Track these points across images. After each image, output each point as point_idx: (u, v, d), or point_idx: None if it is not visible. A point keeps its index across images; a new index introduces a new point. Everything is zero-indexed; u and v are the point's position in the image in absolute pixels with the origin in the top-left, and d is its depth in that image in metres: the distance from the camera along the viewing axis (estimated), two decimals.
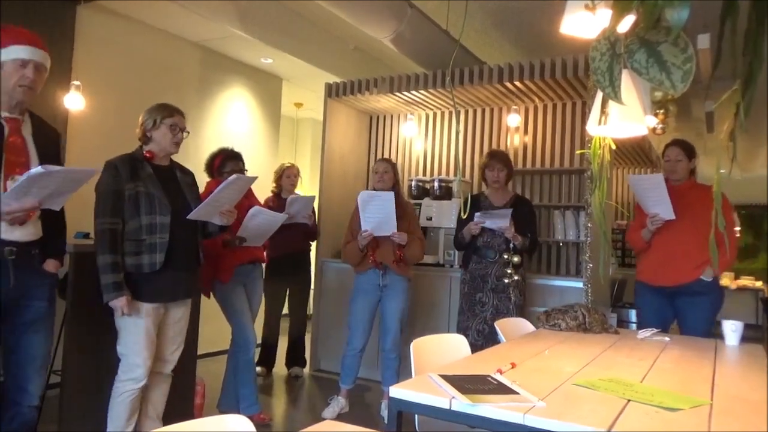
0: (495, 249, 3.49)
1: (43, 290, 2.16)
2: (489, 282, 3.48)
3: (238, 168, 3.43)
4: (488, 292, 3.48)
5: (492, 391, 1.48)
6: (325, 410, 3.60)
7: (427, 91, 4.66)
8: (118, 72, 4.54)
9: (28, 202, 1.95)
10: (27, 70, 2.08)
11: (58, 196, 2.06)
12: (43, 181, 1.91)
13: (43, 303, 2.15)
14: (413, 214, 3.75)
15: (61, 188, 2.03)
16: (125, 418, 2.44)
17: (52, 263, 2.20)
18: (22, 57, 2.07)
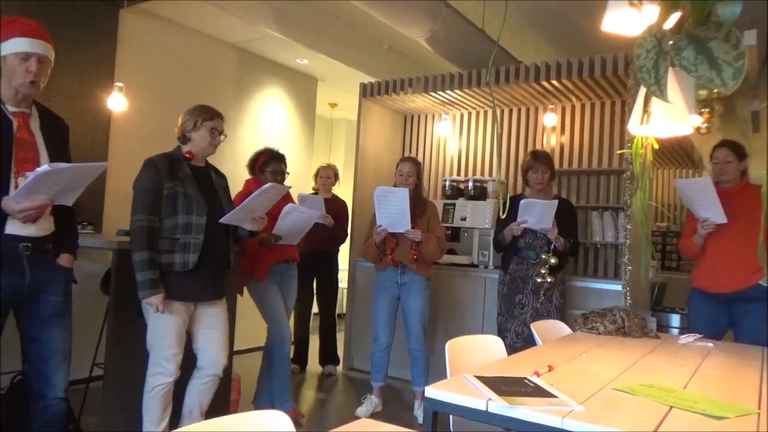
0: (536, 250, 3.42)
1: (58, 285, 2.17)
2: (530, 284, 3.42)
3: (280, 169, 3.47)
4: (528, 294, 3.42)
5: (529, 394, 1.47)
6: (359, 409, 3.62)
7: (462, 91, 4.63)
8: (159, 73, 4.65)
9: (38, 200, 1.95)
10: (30, 63, 2.02)
11: (70, 192, 2.06)
12: (51, 179, 1.91)
13: (59, 297, 2.16)
14: (434, 213, 3.73)
15: (72, 184, 2.03)
16: (159, 413, 2.48)
17: (65, 258, 2.20)
18: (24, 50, 2.02)
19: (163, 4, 4.33)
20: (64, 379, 2.17)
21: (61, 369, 2.15)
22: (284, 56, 5.54)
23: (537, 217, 3.28)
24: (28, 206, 1.92)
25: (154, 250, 2.43)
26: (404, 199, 3.37)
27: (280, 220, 3.24)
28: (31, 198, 1.92)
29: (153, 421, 2.47)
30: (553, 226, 3.28)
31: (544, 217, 3.26)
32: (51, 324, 2.13)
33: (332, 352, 4.75)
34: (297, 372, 4.56)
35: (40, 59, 2.05)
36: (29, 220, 1.98)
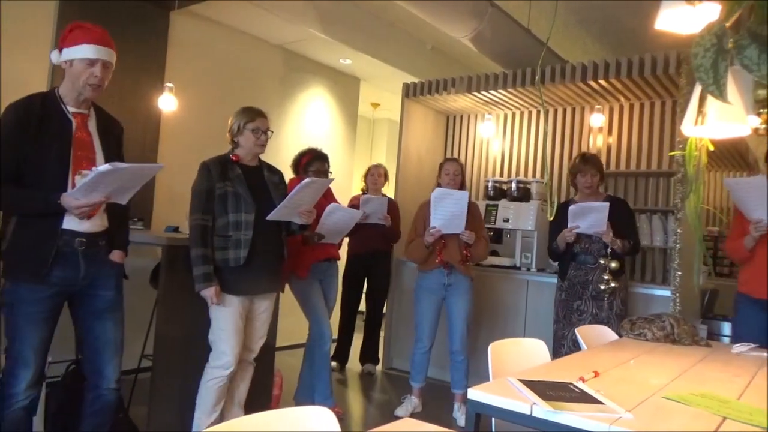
0: (594, 254, 3.31)
1: (111, 280, 2.23)
2: (589, 289, 3.30)
3: (323, 168, 3.52)
4: (588, 300, 3.31)
5: (575, 399, 1.44)
6: (398, 408, 3.62)
7: (507, 91, 4.58)
8: (206, 74, 4.77)
9: (95, 198, 2.02)
10: (95, 68, 2.11)
11: (125, 191, 2.13)
12: (110, 177, 1.97)
13: (111, 292, 2.23)
14: (478, 214, 3.71)
15: (128, 183, 2.10)
16: (212, 404, 2.58)
17: (117, 254, 2.27)
18: (91, 56, 2.10)
19: (211, 6, 4.43)
20: (116, 370, 2.24)
21: (113, 361, 2.23)
22: (328, 56, 5.59)
23: (589, 222, 3.18)
24: (85, 203, 2.00)
25: (208, 247, 2.56)
26: (463, 202, 3.37)
27: (323, 219, 3.27)
28: (89, 195, 2.00)
29: (205, 411, 2.56)
30: (607, 229, 3.17)
31: (597, 220, 3.16)
32: (104, 317, 2.21)
33: (374, 351, 4.77)
34: (337, 370, 4.60)
35: (104, 65, 2.13)
36: (84, 216, 2.06)
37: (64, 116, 2.11)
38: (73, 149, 2.08)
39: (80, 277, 2.11)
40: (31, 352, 2.03)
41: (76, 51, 2.09)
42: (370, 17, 5.23)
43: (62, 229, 2.06)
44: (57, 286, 2.06)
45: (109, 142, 2.23)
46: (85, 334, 2.22)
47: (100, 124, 2.23)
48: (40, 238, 2.03)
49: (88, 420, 2.25)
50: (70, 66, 2.11)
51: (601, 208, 3.15)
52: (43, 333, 2.06)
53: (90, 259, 2.13)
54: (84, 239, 2.10)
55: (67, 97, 2.14)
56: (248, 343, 2.73)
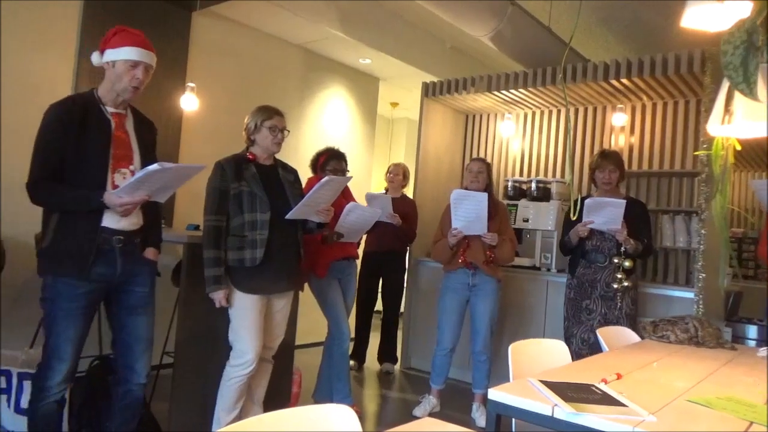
0: (605, 253, 3.27)
1: (145, 277, 2.29)
2: (598, 288, 3.27)
3: (340, 167, 3.52)
4: (596, 299, 3.28)
5: (597, 401, 1.42)
6: (416, 408, 3.62)
7: (527, 90, 4.55)
8: (227, 73, 4.81)
9: (139, 196, 2.07)
10: (137, 70, 2.17)
11: (166, 190, 2.19)
12: (157, 176, 2.03)
13: (145, 288, 2.29)
14: (506, 215, 3.67)
15: (170, 183, 2.16)
16: (233, 402, 2.60)
17: (151, 251, 2.33)
18: (134, 58, 2.16)
19: (232, 6, 4.47)
20: (146, 366, 2.30)
21: (144, 356, 2.28)
22: (347, 56, 5.60)
23: (604, 218, 3.13)
24: (129, 201, 2.06)
25: (221, 248, 2.56)
26: (482, 204, 3.34)
27: (342, 218, 3.28)
28: (134, 194, 2.05)
29: (226, 409, 2.58)
30: (622, 227, 3.13)
31: (612, 217, 3.11)
32: (137, 313, 2.27)
33: (391, 350, 4.77)
34: (355, 368, 4.61)
35: (146, 68, 2.20)
36: (126, 214, 2.12)
37: (103, 116, 2.17)
38: (112, 148, 2.14)
39: (117, 273, 2.17)
40: (67, 347, 2.08)
41: (120, 53, 2.16)
42: (389, 17, 5.23)
43: (101, 226, 2.11)
44: (95, 283, 2.12)
45: (145, 141, 2.29)
46: (119, 329, 2.27)
47: (136, 124, 2.29)
48: (81, 236, 2.09)
49: (118, 414, 2.30)
50: (112, 67, 2.17)
51: (617, 204, 3.10)
52: (80, 328, 2.12)
53: (126, 256, 2.19)
54: (121, 236, 2.16)
55: (105, 97, 2.20)
56: (266, 342, 2.73)
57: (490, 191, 3.58)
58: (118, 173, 2.14)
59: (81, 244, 2.08)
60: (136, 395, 2.30)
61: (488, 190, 3.57)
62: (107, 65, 2.17)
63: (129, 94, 2.20)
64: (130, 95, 2.20)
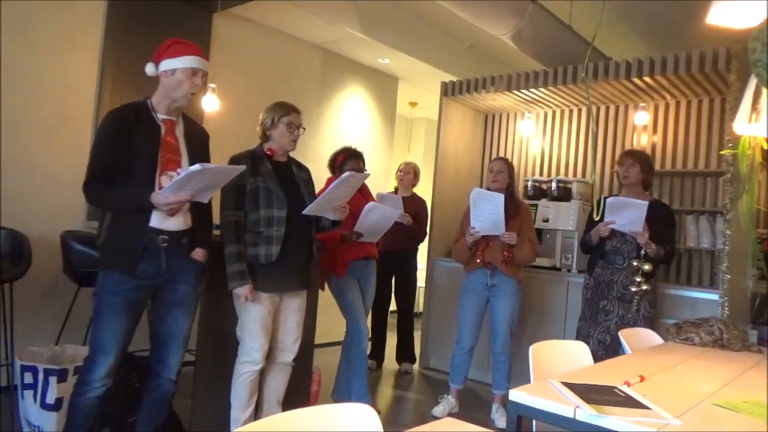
0: (624, 255, 3.23)
1: (190, 276, 2.34)
2: (615, 290, 3.23)
3: (358, 167, 3.52)
4: (613, 301, 3.23)
5: (620, 404, 1.41)
6: (435, 408, 3.61)
7: (547, 89, 4.51)
8: (248, 74, 4.84)
9: (183, 195, 2.14)
10: (197, 78, 2.28)
11: (208, 190, 2.26)
12: (198, 177, 2.09)
13: (188, 287, 2.34)
14: (527, 215, 3.64)
15: (211, 183, 2.23)
16: (247, 398, 2.61)
17: (199, 252, 2.37)
18: (195, 66, 2.26)
19: (253, 7, 4.50)
20: (179, 362, 2.36)
21: (178, 353, 2.35)
22: (366, 56, 5.61)
23: (626, 219, 3.09)
24: (174, 200, 2.13)
25: (242, 243, 2.55)
26: (499, 205, 3.32)
27: (361, 218, 3.28)
28: (178, 193, 2.12)
29: (240, 406, 2.59)
30: (643, 230, 3.08)
31: (634, 218, 3.06)
32: (177, 311, 2.33)
33: (409, 350, 4.77)
34: (373, 368, 4.62)
35: (203, 75, 2.31)
36: (171, 213, 2.19)
37: (154, 122, 2.26)
38: (161, 152, 2.23)
39: (162, 271, 2.23)
40: (111, 341, 2.15)
41: (180, 61, 2.25)
42: (408, 16, 5.22)
43: (149, 227, 2.19)
44: (140, 279, 2.19)
45: (194, 146, 2.36)
46: (157, 324, 2.34)
47: (186, 130, 2.37)
48: (129, 234, 2.18)
49: (148, 407, 2.36)
50: (172, 75, 2.25)
51: (639, 206, 3.04)
52: (125, 324, 2.18)
53: (172, 255, 2.25)
54: (166, 236, 2.22)
55: (159, 105, 2.29)
56: (284, 344, 2.71)
57: (511, 191, 3.56)
58: (165, 176, 2.22)
59: (129, 241, 2.18)
60: (165, 390, 2.36)
61: (510, 189, 3.55)
62: (165, 74, 2.26)
63: (185, 101, 2.29)
64: (186, 102, 2.30)
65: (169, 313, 2.32)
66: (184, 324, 2.36)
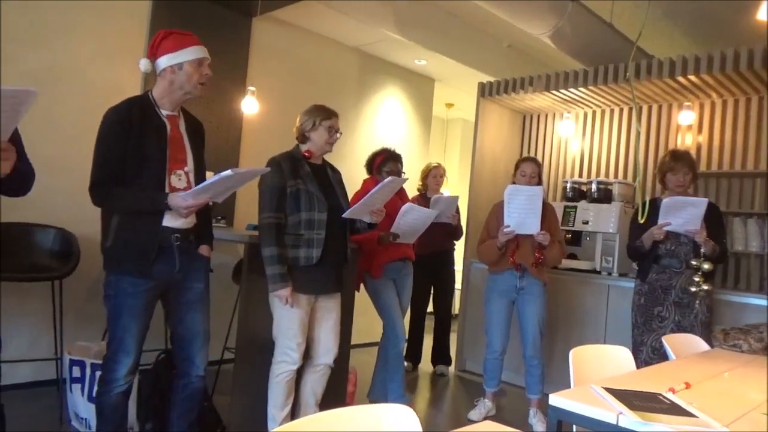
0: (680, 258, 3.11)
1: (200, 273, 2.36)
2: (672, 295, 3.12)
3: (397, 169, 3.53)
4: (670, 306, 3.12)
5: (665, 411, 1.37)
6: (472, 412, 3.58)
7: (587, 89, 4.43)
8: (286, 77, 4.91)
9: (203, 198, 2.14)
10: (204, 67, 2.24)
11: (227, 192, 2.25)
12: (227, 181, 2.07)
13: (200, 284, 2.35)
14: (554, 216, 3.58)
15: (233, 185, 2.21)
16: (283, 397, 2.63)
17: (205, 248, 2.39)
18: (201, 56, 2.22)
19: (290, 11, 4.55)
20: (204, 358, 2.37)
21: (202, 349, 2.36)
22: (402, 57, 5.61)
23: (683, 219, 2.97)
24: (193, 203, 2.12)
25: (282, 246, 2.56)
26: (537, 198, 3.25)
27: (398, 219, 3.28)
28: (198, 197, 2.11)
29: (277, 405, 2.62)
30: (701, 228, 2.96)
31: (692, 217, 2.95)
32: (194, 308, 2.33)
33: (445, 352, 4.75)
34: (409, 370, 4.61)
35: (209, 64, 2.28)
36: (187, 214, 2.18)
37: (159, 119, 2.22)
38: (169, 150, 2.19)
39: (176, 270, 2.24)
40: (132, 341, 2.17)
41: (185, 54, 2.20)
42: (445, 17, 5.20)
43: (162, 226, 2.18)
44: (156, 280, 2.19)
45: (196, 141, 2.34)
46: (177, 324, 2.35)
47: (187, 125, 2.34)
48: (142, 235, 2.15)
49: (179, 405, 2.39)
50: (179, 69, 2.20)
51: (698, 204, 2.94)
52: (143, 323, 2.20)
53: (184, 254, 2.25)
54: (179, 234, 2.22)
55: (162, 100, 2.25)
56: (323, 347, 2.72)
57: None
58: (174, 175, 2.19)
59: (143, 242, 2.14)
60: (195, 387, 2.38)
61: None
62: (172, 69, 2.20)
63: (199, 91, 2.26)
64: (200, 92, 2.27)
65: (187, 311, 2.32)
66: (204, 320, 2.36)
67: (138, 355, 2.22)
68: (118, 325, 2.17)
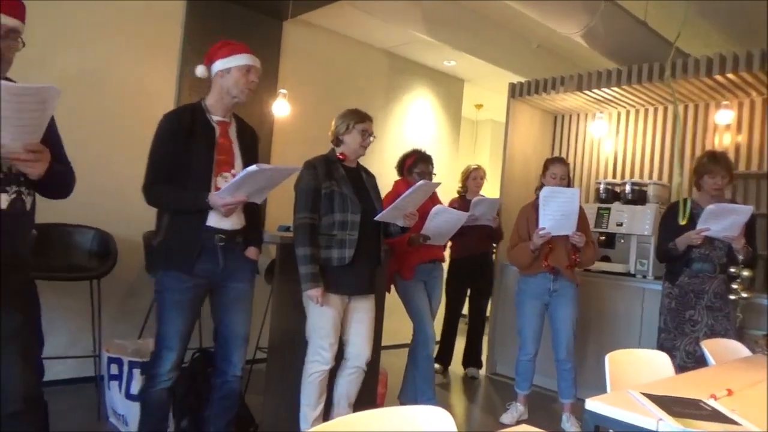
0: (714, 262, 3.06)
1: (245, 274, 2.41)
2: (704, 299, 3.06)
3: (428, 170, 3.52)
4: (702, 310, 3.07)
5: (706, 418, 1.34)
6: (504, 415, 3.55)
7: (621, 88, 4.36)
8: (316, 79, 4.95)
9: (239, 196, 2.20)
10: (251, 74, 2.34)
11: (262, 191, 2.30)
12: (255, 178, 2.14)
13: (244, 285, 2.41)
14: (584, 216, 3.53)
15: (267, 184, 2.27)
16: (316, 397, 2.65)
17: (253, 251, 2.44)
18: (248, 63, 2.32)
19: (320, 14, 4.59)
20: (242, 358, 2.42)
21: (241, 349, 2.41)
22: (432, 59, 5.60)
23: (724, 225, 2.90)
24: (231, 201, 2.19)
25: (315, 246, 2.60)
26: (575, 200, 3.21)
27: (428, 221, 3.28)
28: (234, 194, 2.19)
29: (310, 405, 2.64)
30: (739, 235, 2.90)
31: (734, 224, 2.88)
32: (235, 308, 2.39)
33: (476, 355, 4.71)
34: (440, 372, 4.59)
35: (257, 71, 2.38)
36: (228, 214, 2.25)
37: (209, 124, 2.33)
38: (216, 154, 2.29)
39: (219, 269, 2.30)
40: (175, 337, 2.24)
41: (234, 60, 2.31)
42: (474, 17, 5.18)
43: (206, 226, 2.26)
44: (199, 278, 2.26)
45: (247, 147, 2.43)
46: (218, 323, 2.41)
47: (239, 130, 2.44)
48: (187, 234, 2.25)
49: (216, 404, 2.44)
50: (227, 74, 2.31)
51: (743, 212, 2.87)
52: (186, 320, 2.27)
53: (228, 254, 2.31)
54: (223, 235, 2.29)
55: (214, 106, 2.36)
56: (358, 350, 2.74)
57: None
58: (220, 177, 2.28)
59: (187, 241, 2.24)
60: (233, 386, 2.43)
61: None
62: (220, 74, 2.32)
63: (245, 97, 2.35)
64: (245, 98, 2.36)
65: (227, 312, 2.38)
66: (243, 321, 2.41)
67: (182, 352, 2.28)
68: (162, 320, 2.25)
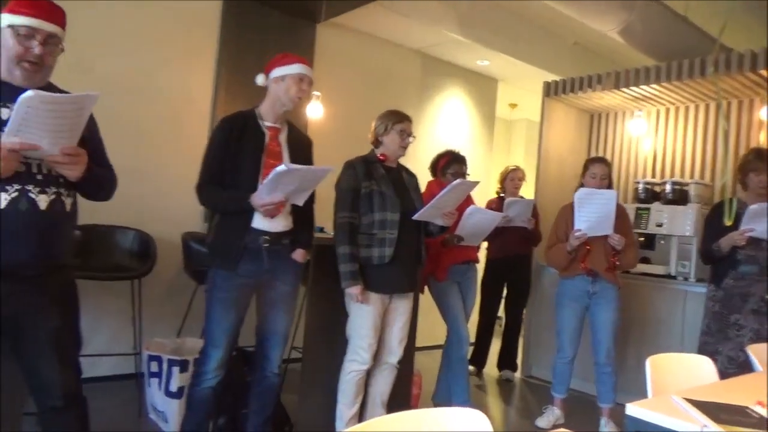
0: (761, 264, 2.96)
1: (289, 275, 2.47)
2: (750, 302, 2.97)
3: (461, 171, 3.51)
4: (748, 314, 2.97)
5: (754, 425, 1.30)
6: (539, 419, 3.50)
7: (660, 85, 4.25)
8: (350, 81, 4.97)
9: (276, 197, 2.25)
10: (303, 84, 2.42)
11: (301, 192, 2.35)
12: (287, 178, 2.18)
13: (288, 287, 2.47)
14: (626, 217, 3.46)
15: (303, 185, 2.31)
16: (353, 396, 2.68)
17: (299, 253, 2.49)
18: (302, 72, 2.41)
19: (353, 16, 4.61)
20: (280, 356, 2.50)
21: (279, 348, 2.49)
22: (465, 58, 5.57)
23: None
24: (268, 202, 2.25)
25: (355, 245, 2.64)
26: (612, 202, 3.15)
27: (462, 221, 3.26)
28: (271, 195, 2.24)
29: (347, 403, 2.67)
30: None
31: None
32: (277, 308, 2.46)
33: (511, 357, 4.66)
34: (474, 373, 4.56)
35: (310, 82, 2.46)
36: (269, 214, 2.31)
37: (259, 129, 2.41)
38: (264, 157, 2.37)
39: (263, 270, 2.36)
40: (221, 335, 2.31)
41: (290, 68, 2.40)
42: (508, 16, 5.13)
43: (251, 227, 2.33)
44: (244, 277, 2.34)
45: (297, 152, 2.48)
46: (260, 321, 2.49)
47: (291, 137, 2.50)
48: (233, 234, 2.34)
49: (254, 400, 2.51)
50: (281, 81, 2.39)
51: None
52: (232, 318, 2.34)
53: (273, 255, 2.38)
54: (268, 237, 2.35)
55: (267, 113, 2.45)
56: (390, 346, 2.77)
57: None
58: None
59: (232, 241, 2.33)
60: (270, 382, 2.50)
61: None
62: (275, 81, 2.41)
63: (294, 105, 2.43)
64: (294, 104, 2.43)
65: (270, 310, 2.45)
66: (284, 320, 2.48)
67: (228, 351, 2.35)
68: (209, 318, 2.33)
